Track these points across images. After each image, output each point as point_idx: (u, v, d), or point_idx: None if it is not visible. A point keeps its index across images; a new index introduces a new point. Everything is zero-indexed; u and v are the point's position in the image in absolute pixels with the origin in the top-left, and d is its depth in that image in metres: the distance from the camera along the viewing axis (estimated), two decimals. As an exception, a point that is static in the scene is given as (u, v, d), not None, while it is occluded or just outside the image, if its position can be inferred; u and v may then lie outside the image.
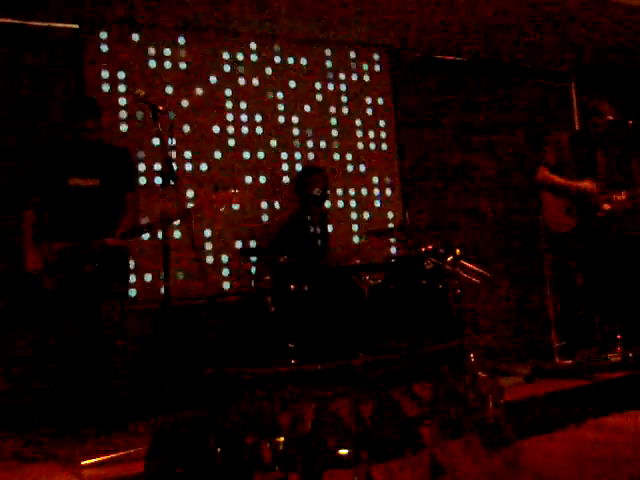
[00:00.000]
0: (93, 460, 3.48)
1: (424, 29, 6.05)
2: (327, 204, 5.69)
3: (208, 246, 5.42)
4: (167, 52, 5.46)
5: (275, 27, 5.74)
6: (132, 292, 5.06)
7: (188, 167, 5.42)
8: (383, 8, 5.56)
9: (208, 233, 5.42)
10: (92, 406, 4.13)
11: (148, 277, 5.16)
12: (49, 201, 4.21)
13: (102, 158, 4.30)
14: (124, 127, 5.22)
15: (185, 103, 5.47)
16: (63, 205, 4.16)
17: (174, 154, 5.15)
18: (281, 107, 5.86)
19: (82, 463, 3.45)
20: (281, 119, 5.84)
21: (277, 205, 5.71)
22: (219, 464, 2.91)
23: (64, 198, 4.16)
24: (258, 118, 5.75)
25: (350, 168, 6.10)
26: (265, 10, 5.40)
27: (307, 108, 5.96)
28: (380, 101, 6.31)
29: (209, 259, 5.42)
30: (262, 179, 5.70)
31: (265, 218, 5.68)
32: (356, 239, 6.02)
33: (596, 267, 5.35)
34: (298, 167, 5.80)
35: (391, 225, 5.95)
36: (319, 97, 6.03)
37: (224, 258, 5.48)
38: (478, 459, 3.03)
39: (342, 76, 6.17)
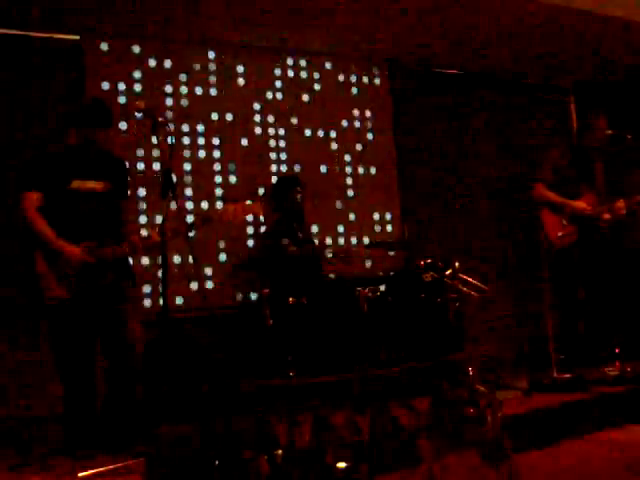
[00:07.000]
0: (90, 472, 3.46)
1: (424, 43, 6.07)
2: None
3: (206, 259, 5.41)
4: (167, 63, 5.47)
5: (272, 40, 5.76)
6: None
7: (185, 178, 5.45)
8: (383, 22, 5.58)
9: (206, 246, 5.41)
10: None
11: (147, 289, 5.16)
12: (50, 204, 3.88)
13: (105, 163, 4.08)
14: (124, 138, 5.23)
15: (184, 114, 5.48)
16: (66, 208, 3.87)
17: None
18: (277, 119, 5.86)
19: (79, 475, 3.43)
20: (279, 132, 5.85)
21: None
22: (217, 477, 2.90)
23: (66, 201, 3.88)
24: (258, 130, 5.75)
25: (349, 180, 6.10)
26: (261, 23, 5.42)
27: (301, 120, 5.96)
28: (379, 114, 6.33)
29: (207, 271, 5.41)
30: (260, 192, 5.69)
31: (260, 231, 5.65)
32: (355, 252, 6.01)
33: (597, 281, 5.35)
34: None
35: (390, 239, 5.93)
36: (318, 109, 6.04)
37: (221, 270, 5.47)
38: (476, 473, 3.03)
39: (342, 88, 6.18)
